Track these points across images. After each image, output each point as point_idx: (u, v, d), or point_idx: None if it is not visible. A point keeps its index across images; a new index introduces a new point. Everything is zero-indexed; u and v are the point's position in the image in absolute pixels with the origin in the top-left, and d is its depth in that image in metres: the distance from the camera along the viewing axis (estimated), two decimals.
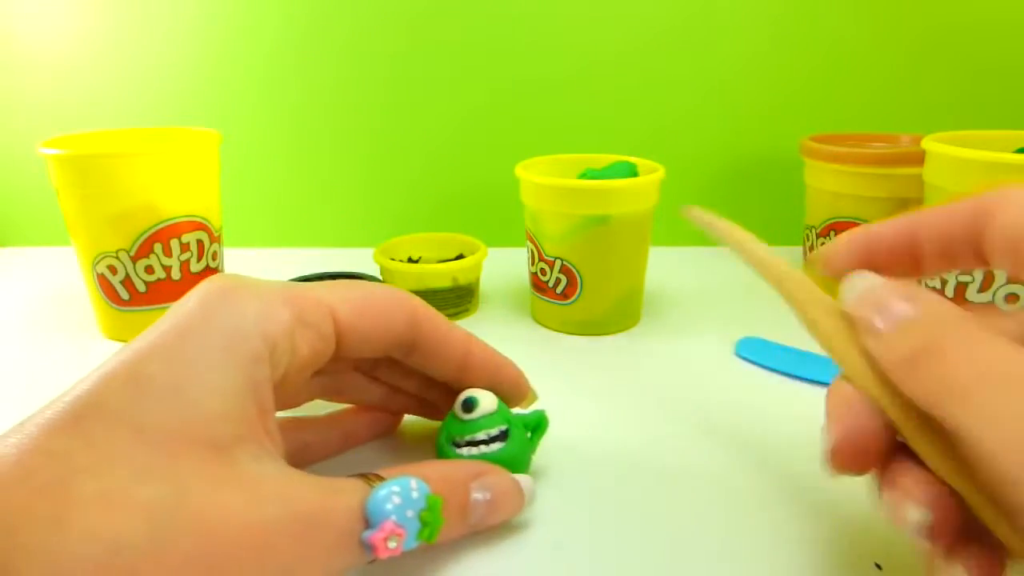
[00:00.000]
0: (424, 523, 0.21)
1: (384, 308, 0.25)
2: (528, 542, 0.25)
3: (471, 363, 0.27)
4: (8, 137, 0.59)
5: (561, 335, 0.43)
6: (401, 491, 0.21)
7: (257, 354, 0.20)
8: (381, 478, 0.21)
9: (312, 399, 0.28)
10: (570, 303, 0.43)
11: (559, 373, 0.38)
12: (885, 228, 0.22)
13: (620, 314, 0.43)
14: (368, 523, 0.20)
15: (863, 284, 0.20)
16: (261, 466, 0.19)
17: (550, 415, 0.29)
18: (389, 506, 0.20)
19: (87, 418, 0.17)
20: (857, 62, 0.56)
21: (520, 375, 0.28)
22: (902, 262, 0.22)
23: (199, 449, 0.18)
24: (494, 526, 0.25)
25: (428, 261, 0.48)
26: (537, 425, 0.28)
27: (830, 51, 0.56)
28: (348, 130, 0.58)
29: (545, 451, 0.29)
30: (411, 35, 0.56)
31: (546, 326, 0.44)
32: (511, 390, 0.28)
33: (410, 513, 0.21)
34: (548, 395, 0.30)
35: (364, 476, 0.22)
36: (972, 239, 0.20)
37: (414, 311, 0.25)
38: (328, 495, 0.20)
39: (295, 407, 0.29)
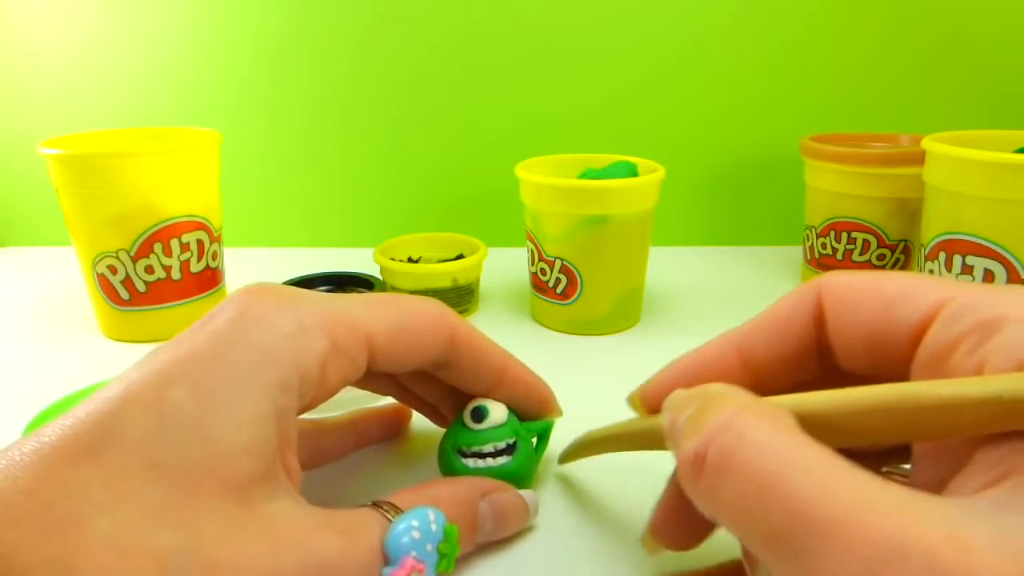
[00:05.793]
0: (442, 555, 0.21)
1: (422, 330, 0.24)
2: (528, 542, 0.25)
3: (503, 384, 0.26)
4: (8, 137, 0.59)
5: (561, 335, 0.43)
6: (420, 525, 0.20)
7: (286, 383, 0.20)
8: (396, 508, 0.21)
9: None
10: (570, 303, 0.43)
11: (559, 373, 0.38)
12: (704, 352, 0.21)
13: (620, 314, 0.43)
14: (387, 559, 0.20)
15: (669, 400, 0.19)
16: (279, 506, 0.19)
17: None
18: (408, 541, 0.20)
19: (105, 448, 0.17)
20: (857, 62, 0.56)
21: (550, 397, 0.28)
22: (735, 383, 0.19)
23: (217, 489, 0.18)
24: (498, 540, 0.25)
25: (428, 261, 0.48)
26: (543, 433, 0.28)
27: (830, 51, 0.56)
28: (348, 130, 0.58)
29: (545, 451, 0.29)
30: (411, 35, 0.56)
31: (546, 326, 0.44)
32: (538, 410, 0.28)
33: (429, 547, 0.20)
34: None
35: (378, 507, 0.21)
36: (810, 336, 0.20)
37: (453, 332, 0.24)
38: (346, 537, 0.19)
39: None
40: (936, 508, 0.12)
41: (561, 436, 0.29)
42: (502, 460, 0.26)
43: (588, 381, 0.37)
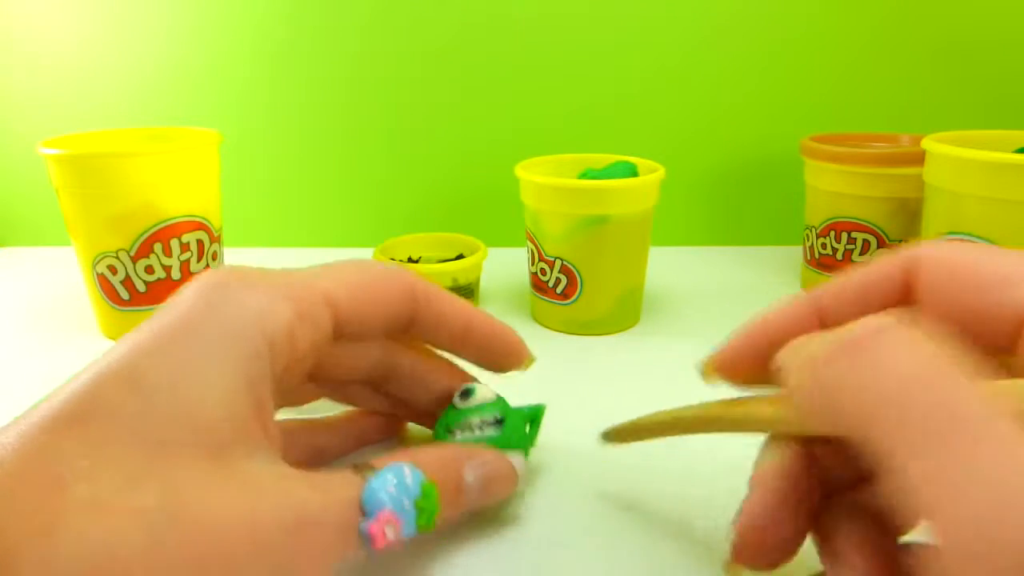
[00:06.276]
0: (420, 510, 0.21)
1: (382, 289, 0.25)
2: (527, 540, 0.25)
3: (472, 334, 0.27)
4: (8, 137, 0.59)
5: (561, 335, 0.43)
6: (396, 480, 0.21)
7: (256, 350, 0.20)
8: (373, 468, 0.21)
9: (317, 399, 0.29)
10: (570, 303, 0.43)
11: (559, 373, 0.38)
12: (783, 312, 0.21)
13: (620, 314, 0.43)
14: (365, 513, 0.20)
15: (789, 346, 0.18)
16: (256, 464, 0.19)
17: (549, 415, 0.29)
18: (384, 495, 0.20)
19: (85, 418, 0.17)
20: (857, 62, 0.56)
21: (519, 343, 0.28)
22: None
23: (194, 450, 0.18)
24: (488, 506, 0.25)
25: (428, 261, 0.48)
26: (534, 418, 0.28)
27: (830, 51, 0.56)
28: (348, 130, 0.58)
29: (544, 450, 0.29)
30: (411, 35, 0.56)
31: (546, 326, 0.44)
32: (509, 356, 0.28)
33: (406, 502, 0.21)
34: (548, 395, 0.30)
35: (356, 467, 0.22)
36: (894, 305, 0.19)
37: (412, 289, 0.25)
38: (324, 490, 0.20)
39: (300, 405, 0.29)
40: None
41: (553, 428, 0.29)
42: (489, 431, 0.26)
43: (588, 381, 0.37)
